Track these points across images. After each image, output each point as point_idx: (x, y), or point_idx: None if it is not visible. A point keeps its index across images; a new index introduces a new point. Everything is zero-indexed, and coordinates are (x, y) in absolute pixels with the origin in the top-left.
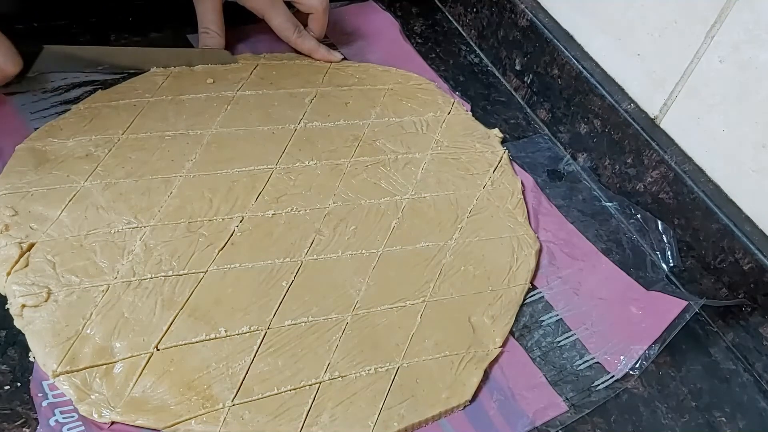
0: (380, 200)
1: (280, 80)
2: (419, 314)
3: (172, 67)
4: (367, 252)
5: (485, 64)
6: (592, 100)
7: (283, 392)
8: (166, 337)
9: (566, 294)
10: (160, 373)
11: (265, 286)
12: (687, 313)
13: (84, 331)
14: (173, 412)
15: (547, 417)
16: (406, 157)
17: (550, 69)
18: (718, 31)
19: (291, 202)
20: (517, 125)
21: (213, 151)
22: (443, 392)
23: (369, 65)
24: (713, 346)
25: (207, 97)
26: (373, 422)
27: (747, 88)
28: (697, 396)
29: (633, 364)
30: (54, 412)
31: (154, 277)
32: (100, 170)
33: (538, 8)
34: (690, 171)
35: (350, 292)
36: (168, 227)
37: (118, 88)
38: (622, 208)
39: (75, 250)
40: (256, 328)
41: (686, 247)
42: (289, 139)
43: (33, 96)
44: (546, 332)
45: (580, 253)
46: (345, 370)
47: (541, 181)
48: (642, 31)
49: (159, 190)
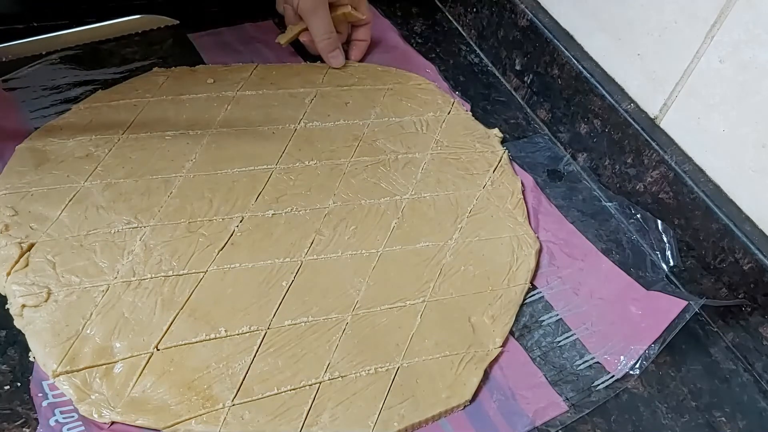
0: (380, 200)
1: (280, 80)
2: (419, 314)
3: (172, 68)
4: (367, 252)
5: (485, 64)
6: (592, 100)
7: (283, 392)
8: (166, 337)
9: (566, 294)
10: (160, 373)
11: (265, 286)
12: (687, 313)
13: (84, 331)
14: (173, 412)
15: (547, 417)
16: (406, 157)
17: (550, 69)
18: (718, 31)
19: (291, 202)
20: (517, 125)
21: (213, 151)
22: (443, 392)
23: (369, 65)
24: (713, 346)
25: (207, 97)
26: (373, 422)
27: (747, 88)
28: (697, 396)
29: (633, 364)
30: (54, 412)
31: (154, 277)
32: (100, 170)
33: (538, 8)
34: (690, 171)
35: (350, 292)
36: (168, 227)
37: (119, 88)
38: (622, 208)
39: (75, 250)
40: (256, 328)
41: (686, 247)
42: (289, 139)
43: (33, 95)
44: (546, 332)
45: (580, 253)
46: (345, 370)
47: (541, 181)
48: (642, 30)
49: (159, 190)
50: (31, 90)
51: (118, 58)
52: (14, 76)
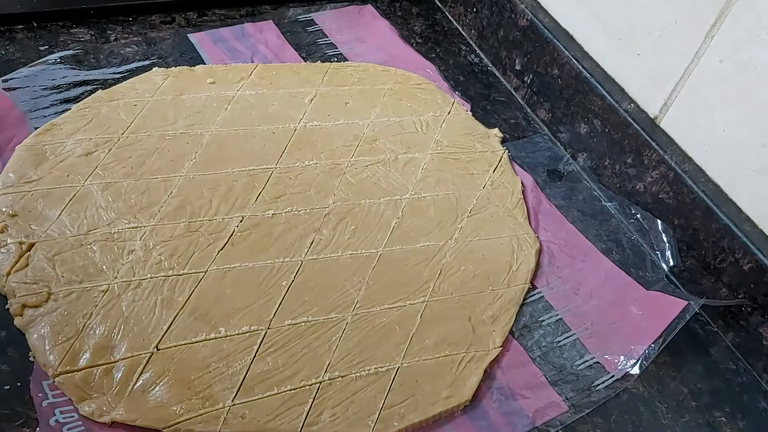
0: (380, 200)
1: (280, 80)
2: (419, 314)
3: (172, 68)
4: (367, 252)
5: (485, 64)
6: (592, 99)
7: (283, 392)
8: (166, 337)
9: (566, 294)
10: (160, 373)
11: (265, 285)
12: (687, 313)
13: (84, 331)
14: (173, 412)
15: (547, 417)
16: (406, 157)
17: (550, 69)
18: (718, 30)
19: (291, 202)
20: (517, 125)
21: (213, 151)
22: (443, 392)
23: (369, 65)
24: (713, 346)
25: (207, 96)
26: (373, 422)
27: (747, 87)
28: (697, 396)
29: (633, 364)
30: (54, 412)
31: (154, 277)
32: (100, 170)
33: (538, 8)
34: (690, 171)
35: (350, 292)
36: (168, 227)
37: (119, 88)
38: (622, 208)
39: (75, 250)
40: (256, 327)
41: (686, 247)
42: (289, 138)
43: (33, 95)
44: (546, 332)
45: (580, 252)
46: (345, 369)
47: (541, 181)
48: (642, 30)
49: (159, 190)
50: (31, 90)
51: (117, 58)
52: (14, 75)
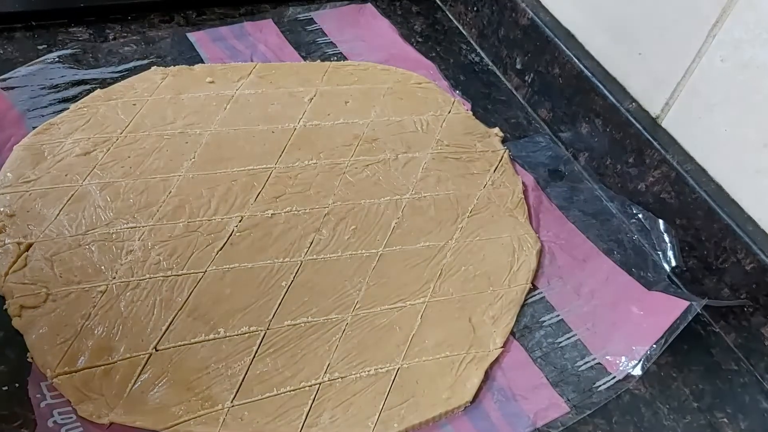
0: (380, 200)
1: (280, 79)
2: (419, 314)
3: (171, 67)
4: (367, 252)
5: (486, 63)
6: (593, 99)
7: (283, 393)
8: (165, 338)
9: (567, 294)
10: (159, 374)
11: (264, 286)
12: (689, 313)
13: (83, 331)
14: (172, 413)
15: (548, 418)
16: (406, 157)
17: (551, 68)
18: (720, 30)
19: (290, 202)
20: (518, 124)
21: (212, 151)
22: (444, 393)
23: (369, 64)
24: (715, 347)
25: (206, 96)
26: (374, 423)
27: (749, 87)
28: (699, 397)
29: (634, 365)
30: (52, 413)
31: (152, 278)
32: (98, 169)
33: (539, 7)
34: (692, 170)
35: (350, 292)
36: (167, 227)
37: (117, 87)
38: (623, 208)
39: (73, 250)
40: (256, 328)
41: (688, 247)
42: (289, 138)
43: (31, 94)
44: (547, 333)
45: (582, 253)
46: (345, 370)
47: (542, 181)
48: (643, 29)
49: (158, 190)
50: (29, 89)
51: (116, 57)
52: (12, 75)
